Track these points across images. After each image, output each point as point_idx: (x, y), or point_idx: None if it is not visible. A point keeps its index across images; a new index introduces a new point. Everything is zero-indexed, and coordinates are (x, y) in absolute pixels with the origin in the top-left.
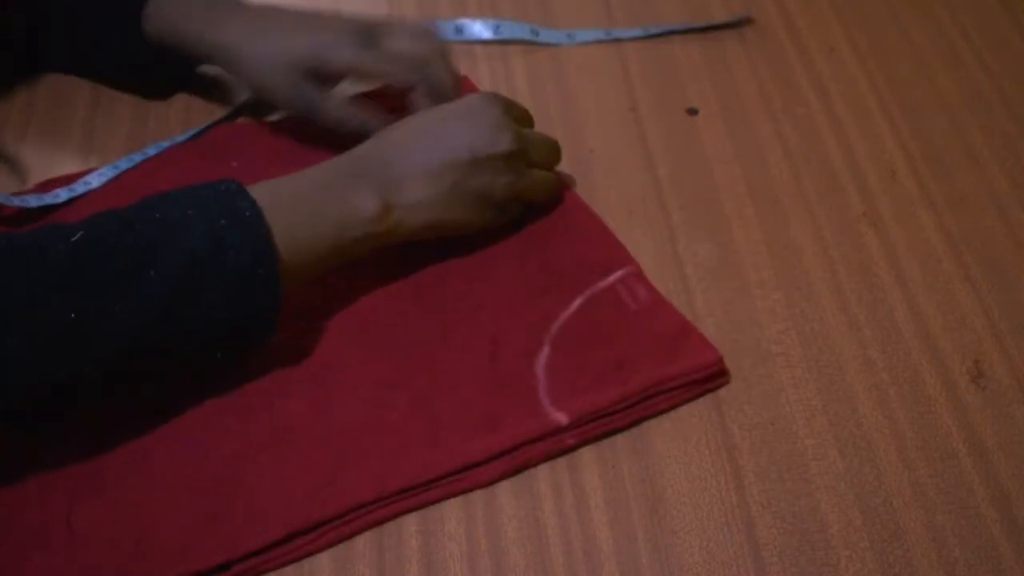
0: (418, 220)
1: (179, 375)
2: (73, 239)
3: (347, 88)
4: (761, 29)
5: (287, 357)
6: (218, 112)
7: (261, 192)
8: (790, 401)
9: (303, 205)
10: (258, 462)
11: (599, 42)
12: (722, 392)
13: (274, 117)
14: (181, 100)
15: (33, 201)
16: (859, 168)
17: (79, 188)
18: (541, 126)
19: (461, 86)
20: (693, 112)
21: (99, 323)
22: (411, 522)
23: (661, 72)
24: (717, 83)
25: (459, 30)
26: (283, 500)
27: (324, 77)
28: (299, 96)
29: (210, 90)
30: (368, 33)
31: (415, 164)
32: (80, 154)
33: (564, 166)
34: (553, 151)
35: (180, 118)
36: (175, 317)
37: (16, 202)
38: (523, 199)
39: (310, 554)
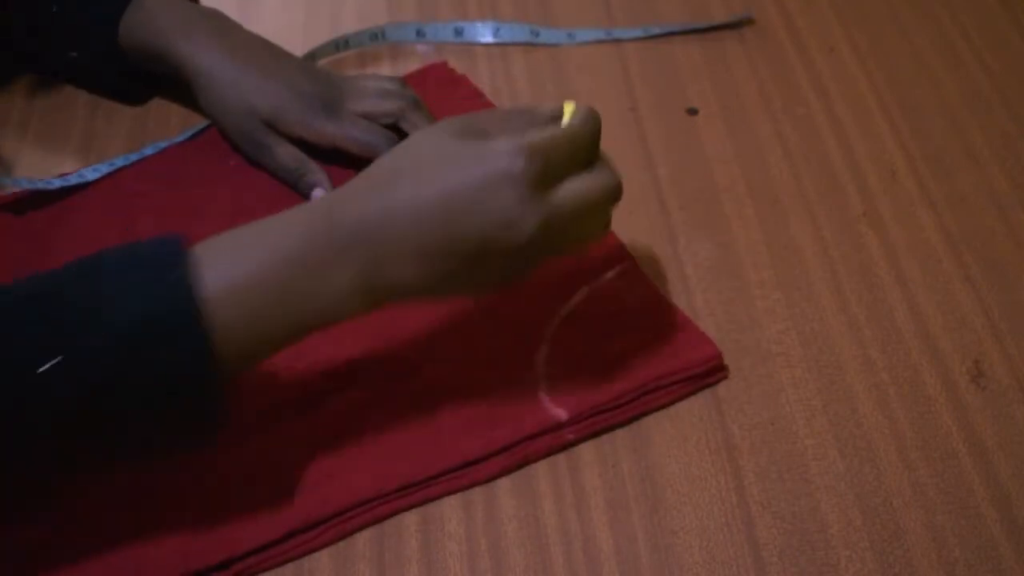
0: (401, 296)
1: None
2: None
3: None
4: (761, 29)
5: (284, 354)
6: None
7: (214, 268)
8: (790, 401)
9: (266, 287)
10: (257, 459)
11: (599, 42)
12: (722, 392)
13: None
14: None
15: (25, 183)
16: (859, 168)
17: (72, 179)
18: None
19: None
20: (693, 112)
21: (15, 404)
22: (411, 521)
23: (661, 72)
24: (717, 83)
25: (459, 32)
26: (283, 498)
27: (280, 131)
28: (250, 140)
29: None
30: (334, 99)
31: (407, 242)
32: (80, 155)
33: None
34: (608, 198)
35: (180, 118)
36: (100, 402)
37: (8, 183)
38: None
39: (310, 552)
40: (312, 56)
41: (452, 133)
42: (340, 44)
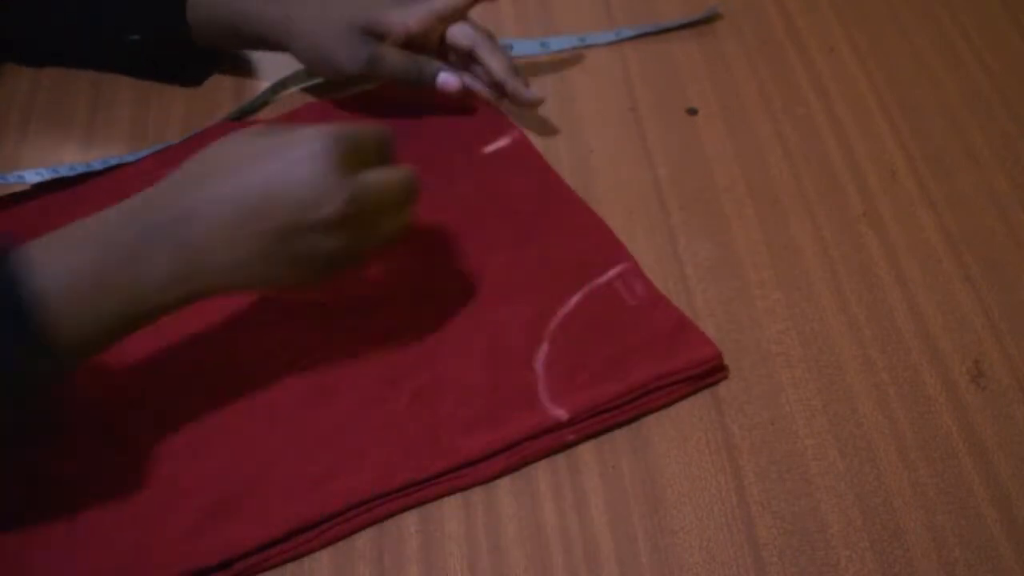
0: (224, 283)
1: None
2: None
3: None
4: (761, 29)
5: (285, 354)
6: (219, 112)
7: (44, 263)
8: (790, 401)
9: (90, 277)
10: (258, 459)
11: (573, 48)
12: (722, 392)
13: (271, 115)
14: (181, 100)
15: (14, 178)
16: (859, 168)
17: (46, 173)
18: (542, 127)
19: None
20: (693, 112)
21: None
22: (411, 522)
23: (661, 72)
24: (717, 83)
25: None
26: (283, 497)
27: (379, 37)
28: (358, 51)
29: (243, 69)
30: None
31: (217, 221)
32: (80, 154)
33: (564, 166)
34: (410, 193)
35: (180, 118)
36: None
37: (11, 179)
38: (377, 252)
39: (311, 552)
40: (283, 84)
41: (256, 134)
42: None
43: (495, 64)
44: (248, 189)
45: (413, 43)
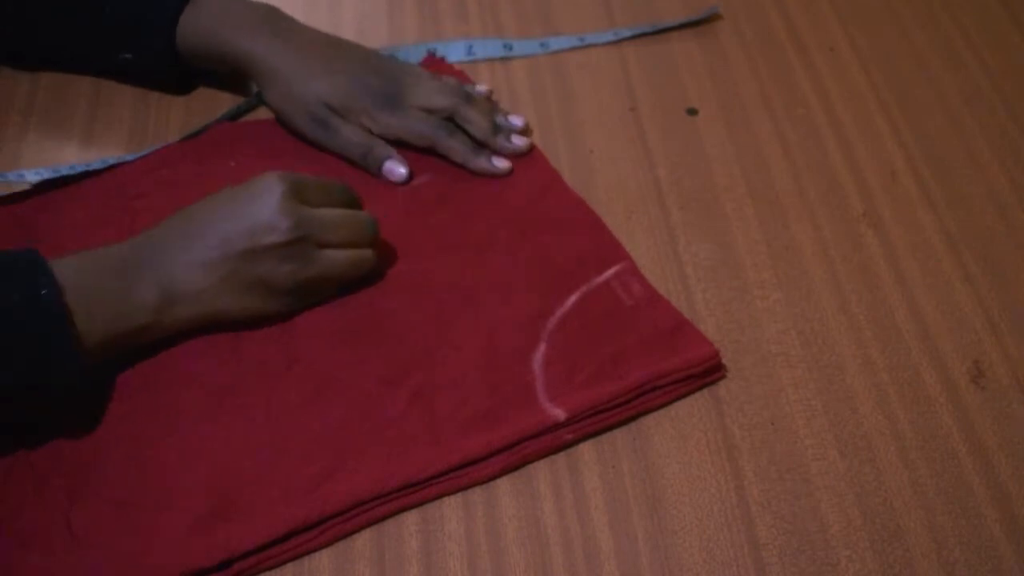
0: (192, 311)
1: None
2: None
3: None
4: (761, 29)
5: (284, 355)
6: (219, 111)
7: (64, 269)
8: (790, 401)
9: (93, 290)
10: (257, 459)
11: (535, 54)
12: (722, 392)
13: (268, 115)
14: (181, 101)
15: (14, 177)
16: (859, 168)
17: (46, 173)
18: (542, 127)
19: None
20: (693, 112)
21: None
22: (411, 521)
23: (661, 72)
24: (717, 83)
25: (431, 54)
26: (283, 498)
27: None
28: (318, 122)
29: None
30: (396, 92)
31: (193, 254)
32: (79, 154)
33: (564, 166)
34: (361, 229)
35: (180, 118)
36: None
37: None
38: (333, 281)
39: (310, 551)
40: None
41: (228, 189)
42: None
43: (474, 129)
44: (213, 223)
45: None
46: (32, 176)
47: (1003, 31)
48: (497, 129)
